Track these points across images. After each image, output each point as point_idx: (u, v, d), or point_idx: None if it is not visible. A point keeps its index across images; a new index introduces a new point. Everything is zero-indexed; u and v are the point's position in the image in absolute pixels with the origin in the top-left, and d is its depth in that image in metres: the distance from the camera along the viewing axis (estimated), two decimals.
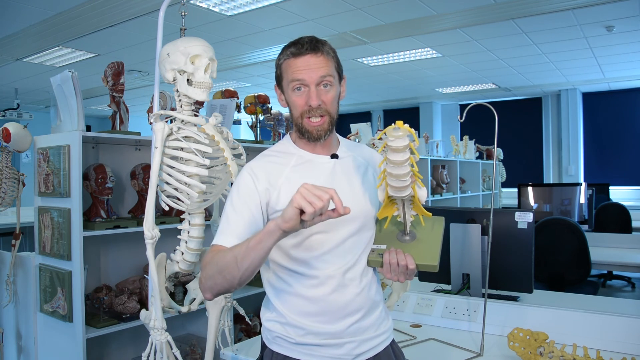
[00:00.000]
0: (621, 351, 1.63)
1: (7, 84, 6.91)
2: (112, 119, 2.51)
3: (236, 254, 1.06)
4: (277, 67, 1.26)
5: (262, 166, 1.23)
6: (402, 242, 1.20)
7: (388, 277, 1.16)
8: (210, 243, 1.20)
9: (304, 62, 1.19)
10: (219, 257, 1.09)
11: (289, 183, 1.20)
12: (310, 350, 1.20)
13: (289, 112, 1.27)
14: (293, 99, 1.22)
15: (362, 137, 4.47)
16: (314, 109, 1.19)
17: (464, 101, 9.35)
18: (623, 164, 7.97)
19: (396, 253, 1.15)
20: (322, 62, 1.20)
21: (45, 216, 2.39)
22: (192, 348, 2.75)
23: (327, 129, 1.22)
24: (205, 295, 1.14)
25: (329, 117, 1.22)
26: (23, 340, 2.66)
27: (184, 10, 1.74)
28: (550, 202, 4.47)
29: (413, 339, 1.84)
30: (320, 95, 1.20)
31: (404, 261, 1.14)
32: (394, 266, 1.14)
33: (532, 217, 2.05)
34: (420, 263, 1.15)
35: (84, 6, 4.02)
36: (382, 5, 4.19)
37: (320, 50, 1.21)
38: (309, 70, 1.19)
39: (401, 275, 1.15)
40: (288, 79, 1.22)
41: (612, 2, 4.06)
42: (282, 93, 1.27)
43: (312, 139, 1.23)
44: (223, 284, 1.09)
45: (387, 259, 1.15)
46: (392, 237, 1.22)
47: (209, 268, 1.11)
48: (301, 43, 1.21)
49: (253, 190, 1.19)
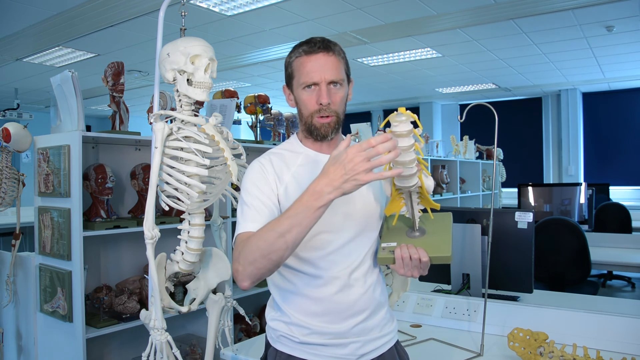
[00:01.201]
0: (621, 351, 1.63)
1: (7, 84, 6.91)
2: (112, 119, 2.51)
3: (279, 230, 1.01)
4: (287, 66, 1.25)
5: (270, 160, 1.24)
6: (412, 238, 1.17)
7: (401, 272, 1.14)
8: (210, 243, 1.20)
9: (316, 60, 1.20)
10: (258, 240, 1.05)
11: (295, 181, 1.20)
12: (315, 350, 1.21)
13: (298, 111, 1.27)
14: (303, 98, 1.22)
15: (362, 137, 4.47)
16: (323, 107, 1.20)
17: (464, 101, 9.35)
18: (623, 164, 7.97)
19: (407, 248, 1.13)
20: (334, 61, 1.21)
21: (45, 216, 2.39)
22: (192, 348, 2.75)
23: (334, 127, 1.23)
24: (243, 285, 1.08)
25: (336, 117, 1.23)
26: (23, 340, 2.66)
27: (184, 10, 1.74)
28: (550, 202, 4.47)
29: (413, 339, 1.84)
30: (330, 94, 1.21)
31: (416, 254, 1.11)
32: (407, 260, 1.12)
33: (532, 217, 2.05)
34: (434, 255, 1.12)
35: (84, 6, 4.03)
36: (382, 5, 4.19)
37: (332, 50, 1.22)
38: (321, 69, 1.19)
39: (415, 270, 1.13)
40: (299, 77, 1.21)
41: (612, 2, 4.06)
42: (291, 93, 1.27)
43: (320, 136, 1.23)
44: (267, 266, 1.05)
45: (398, 254, 1.12)
46: (401, 234, 1.19)
47: (248, 254, 1.06)
48: (313, 42, 1.21)
49: (265, 179, 1.20)
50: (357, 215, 1.23)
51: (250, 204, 1.17)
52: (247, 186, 1.20)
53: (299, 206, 1.00)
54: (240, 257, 1.07)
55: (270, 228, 1.04)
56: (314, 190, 0.99)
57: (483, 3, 4.16)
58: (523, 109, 8.84)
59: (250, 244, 1.06)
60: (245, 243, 1.08)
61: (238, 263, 1.08)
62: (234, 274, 1.11)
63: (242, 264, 1.07)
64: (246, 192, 1.19)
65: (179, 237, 1.64)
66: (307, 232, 1.02)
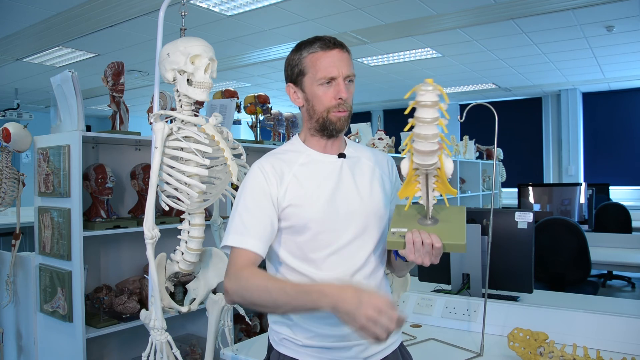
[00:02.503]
0: (621, 351, 1.63)
1: (7, 84, 6.92)
2: (112, 119, 2.51)
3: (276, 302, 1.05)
4: (296, 63, 1.23)
5: (272, 162, 1.23)
6: (425, 226, 1.10)
7: (411, 258, 1.08)
8: (210, 243, 1.20)
9: (334, 56, 1.20)
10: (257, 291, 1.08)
11: (296, 180, 1.20)
12: (318, 353, 1.20)
13: (308, 108, 1.25)
14: (319, 93, 1.21)
15: (362, 137, 4.47)
16: (343, 102, 1.21)
17: (464, 101, 9.34)
18: (623, 164, 7.97)
19: (420, 232, 1.07)
20: (348, 58, 1.23)
21: (45, 216, 2.39)
22: (192, 348, 2.75)
23: (348, 122, 1.25)
24: (227, 299, 1.14)
25: (349, 112, 1.25)
26: (23, 340, 2.66)
27: (184, 10, 1.74)
28: (550, 202, 4.47)
29: (413, 339, 1.84)
30: (346, 89, 1.22)
31: (429, 239, 1.06)
32: (418, 245, 1.06)
33: (532, 217, 2.05)
34: (448, 242, 1.06)
35: (84, 6, 4.03)
36: (382, 5, 4.19)
37: (345, 47, 1.24)
38: (338, 64, 1.20)
39: (426, 256, 1.07)
40: (315, 73, 1.20)
41: (612, 2, 4.06)
42: (299, 89, 1.25)
43: (336, 131, 1.24)
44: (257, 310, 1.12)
45: (409, 238, 1.07)
46: (412, 222, 1.12)
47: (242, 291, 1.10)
48: (326, 39, 1.22)
49: (265, 187, 1.19)
50: (357, 214, 1.22)
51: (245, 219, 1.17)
52: (246, 197, 1.19)
53: (302, 293, 1.02)
54: (238, 285, 1.11)
55: (271, 289, 1.06)
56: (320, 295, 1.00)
57: (483, 3, 4.16)
58: (523, 109, 8.84)
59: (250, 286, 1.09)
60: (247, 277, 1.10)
61: (232, 285, 1.11)
62: (225, 287, 1.13)
63: (235, 291, 1.11)
64: (244, 203, 1.19)
65: (179, 237, 1.65)
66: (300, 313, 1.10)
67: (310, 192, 1.19)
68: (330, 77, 1.20)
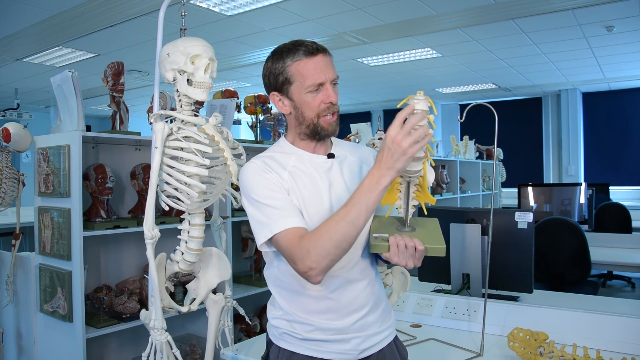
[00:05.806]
0: (621, 351, 1.63)
1: (7, 84, 6.91)
2: (112, 119, 2.51)
3: (349, 219, 1.06)
4: (281, 72, 1.22)
5: (265, 161, 1.23)
6: (404, 232, 1.16)
7: (395, 261, 1.11)
8: (210, 243, 1.20)
9: (319, 61, 1.20)
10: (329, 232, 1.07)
11: (292, 179, 1.21)
12: (317, 346, 1.22)
13: (295, 115, 1.25)
14: (308, 100, 1.21)
15: (362, 137, 4.47)
16: (333, 105, 1.22)
17: (464, 101, 9.35)
18: (623, 164, 7.97)
19: (402, 237, 1.12)
20: (331, 61, 1.24)
21: (45, 216, 2.39)
22: (192, 348, 2.75)
23: (338, 124, 1.26)
24: (317, 280, 1.10)
25: (338, 114, 1.26)
26: (23, 340, 2.66)
27: (184, 10, 1.74)
28: (550, 202, 4.46)
29: (413, 339, 1.84)
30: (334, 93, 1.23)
31: (411, 242, 1.10)
32: (402, 248, 1.10)
33: (532, 217, 2.05)
34: (429, 246, 1.12)
35: (84, 6, 4.03)
36: (382, 5, 4.19)
37: (327, 51, 1.24)
38: (325, 69, 1.21)
39: (410, 259, 1.11)
40: (303, 80, 1.20)
41: (612, 2, 4.06)
42: (285, 97, 1.24)
43: (328, 135, 1.25)
44: (340, 255, 1.10)
45: (393, 241, 1.11)
46: (391, 229, 1.18)
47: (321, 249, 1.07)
48: (308, 44, 1.21)
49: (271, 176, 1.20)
50: None
51: (274, 202, 1.15)
52: (259, 189, 1.18)
53: (360, 194, 1.06)
54: (312, 253, 1.07)
55: (339, 219, 1.07)
56: (371, 177, 1.06)
57: (483, 3, 4.16)
58: (523, 109, 8.84)
59: (321, 239, 1.07)
60: (311, 239, 1.08)
61: (310, 260, 1.08)
62: (304, 271, 1.09)
63: (314, 260, 1.07)
64: (261, 195, 1.17)
65: (179, 237, 1.65)
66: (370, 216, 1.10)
67: (308, 194, 1.20)
68: (318, 83, 1.20)
